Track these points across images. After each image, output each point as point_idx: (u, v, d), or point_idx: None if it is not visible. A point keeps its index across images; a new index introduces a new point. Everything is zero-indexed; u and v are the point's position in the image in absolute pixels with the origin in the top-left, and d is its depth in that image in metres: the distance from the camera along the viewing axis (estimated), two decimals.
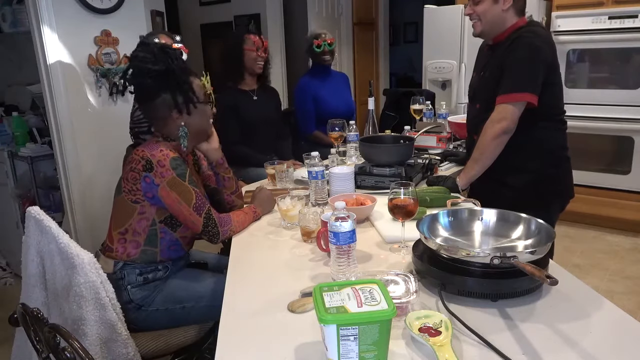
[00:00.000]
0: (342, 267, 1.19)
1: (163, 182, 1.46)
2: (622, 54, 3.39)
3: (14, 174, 3.21)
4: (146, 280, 1.56)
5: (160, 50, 1.51)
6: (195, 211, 1.50)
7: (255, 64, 2.70)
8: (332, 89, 3.11)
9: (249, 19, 4.65)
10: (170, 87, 1.51)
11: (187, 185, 1.49)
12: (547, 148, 1.86)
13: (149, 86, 1.50)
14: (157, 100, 1.51)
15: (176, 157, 1.49)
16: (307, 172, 1.88)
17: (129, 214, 1.52)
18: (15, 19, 3.11)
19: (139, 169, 1.47)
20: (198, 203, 1.51)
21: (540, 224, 1.24)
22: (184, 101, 1.53)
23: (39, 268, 1.45)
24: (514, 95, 1.73)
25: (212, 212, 1.54)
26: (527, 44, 1.75)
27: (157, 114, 1.55)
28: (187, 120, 1.55)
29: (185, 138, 1.56)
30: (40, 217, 1.42)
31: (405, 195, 1.35)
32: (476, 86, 2.00)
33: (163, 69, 1.49)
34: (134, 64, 1.51)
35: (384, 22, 5.79)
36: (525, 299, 1.09)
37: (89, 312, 1.35)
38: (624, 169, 3.51)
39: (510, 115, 1.73)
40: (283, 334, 1.02)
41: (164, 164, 1.46)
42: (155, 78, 1.49)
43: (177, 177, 1.47)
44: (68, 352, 0.97)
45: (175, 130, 1.56)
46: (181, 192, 1.48)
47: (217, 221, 1.55)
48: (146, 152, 1.47)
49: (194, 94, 1.55)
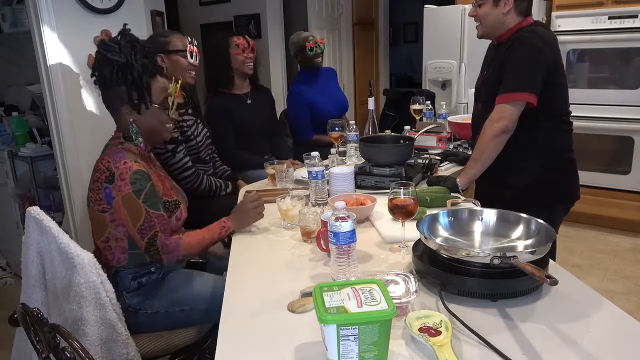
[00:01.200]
0: (342, 267, 1.19)
1: (118, 196, 1.44)
2: (622, 54, 3.39)
3: (14, 174, 3.21)
4: (140, 284, 1.55)
5: (128, 43, 1.49)
6: (139, 233, 1.46)
7: (244, 65, 2.65)
8: (323, 90, 3.05)
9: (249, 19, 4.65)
10: (126, 82, 1.49)
11: (139, 204, 1.44)
12: (549, 149, 1.85)
13: (107, 75, 1.48)
14: (112, 90, 1.51)
15: (138, 171, 1.45)
16: (307, 172, 1.88)
17: (103, 223, 1.50)
18: (15, 19, 3.11)
19: (102, 179, 1.46)
20: (144, 225, 1.45)
21: (540, 224, 1.24)
22: (137, 99, 1.51)
23: (39, 268, 1.45)
24: (513, 95, 1.73)
25: (157, 238, 1.47)
26: (526, 43, 1.75)
27: (111, 104, 1.55)
28: (137, 118, 1.54)
29: (137, 135, 1.54)
30: (40, 217, 1.42)
31: (405, 195, 1.35)
32: (479, 86, 2.01)
33: (123, 62, 1.47)
34: (99, 50, 1.50)
35: (384, 22, 5.78)
36: (525, 299, 1.09)
37: (89, 312, 1.35)
38: (624, 169, 3.51)
39: (509, 115, 1.73)
40: (283, 334, 1.02)
41: (124, 177, 1.43)
42: (114, 69, 1.47)
43: (132, 193, 1.44)
44: (68, 352, 0.97)
45: (126, 125, 1.54)
46: (131, 211, 1.45)
47: (160, 249, 1.47)
48: (111, 163, 1.46)
49: (149, 95, 1.53)
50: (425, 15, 3.99)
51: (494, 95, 1.79)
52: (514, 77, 1.75)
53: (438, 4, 4.01)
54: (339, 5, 5.02)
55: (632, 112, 3.38)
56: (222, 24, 4.80)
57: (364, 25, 5.41)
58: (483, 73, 1.98)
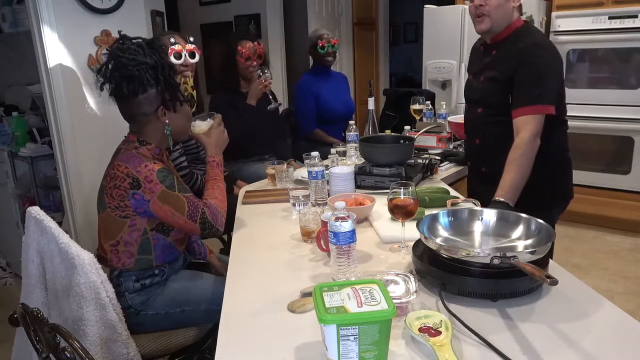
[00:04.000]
0: (342, 267, 1.19)
1: (154, 197, 1.43)
2: (622, 54, 3.39)
3: (14, 174, 3.21)
4: (143, 285, 1.55)
5: (147, 45, 1.47)
6: (190, 219, 1.46)
7: (249, 72, 2.65)
8: (332, 88, 3.11)
9: (249, 19, 4.65)
10: (157, 82, 1.46)
11: (177, 194, 1.45)
12: (547, 148, 1.85)
13: (136, 80, 1.43)
14: (142, 95, 1.45)
15: (161, 169, 1.45)
16: (307, 172, 1.88)
17: (119, 227, 1.49)
18: (15, 19, 3.11)
19: (125, 186, 1.43)
20: (191, 210, 1.46)
21: (540, 224, 1.24)
22: (171, 98, 1.49)
23: (39, 268, 1.45)
24: (536, 108, 1.68)
25: (205, 214, 1.48)
26: (539, 56, 1.71)
27: (140, 110, 1.48)
28: (172, 118, 1.52)
29: (170, 137, 1.53)
30: (40, 217, 1.42)
31: (405, 195, 1.35)
32: (479, 91, 1.93)
33: (152, 63, 1.44)
34: (119, 57, 1.43)
35: (384, 22, 5.78)
36: (525, 299, 1.09)
37: (89, 312, 1.35)
38: (624, 169, 3.51)
39: (540, 126, 1.68)
40: (283, 334, 1.02)
41: (151, 179, 1.42)
42: (144, 72, 1.43)
43: (166, 189, 1.44)
44: (68, 352, 0.97)
45: (156, 130, 1.51)
46: (173, 204, 1.45)
47: (211, 221, 1.49)
48: (130, 168, 1.43)
49: (180, 92, 1.52)
50: (425, 15, 3.99)
51: (500, 102, 1.77)
52: (534, 90, 1.70)
53: (438, 4, 4.01)
54: (339, 5, 5.02)
55: (632, 112, 3.37)
56: (222, 24, 4.80)
57: (364, 25, 5.40)
58: (478, 79, 1.91)
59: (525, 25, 1.83)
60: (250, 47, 2.63)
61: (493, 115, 1.82)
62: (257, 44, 2.68)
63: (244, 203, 1.94)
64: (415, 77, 7.40)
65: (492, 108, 1.82)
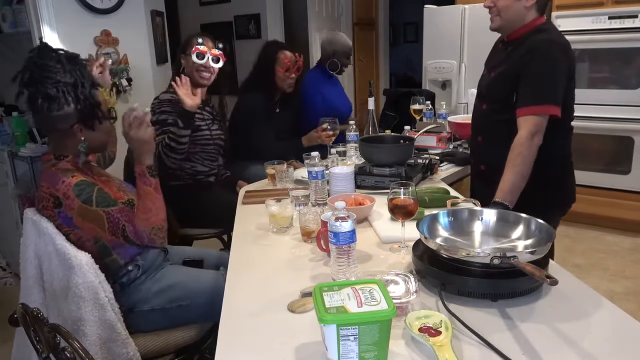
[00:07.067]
0: (342, 267, 1.19)
1: (73, 213, 1.38)
2: (622, 54, 3.39)
3: (14, 174, 3.21)
4: (122, 285, 1.52)
5: (68, 60, 1.40)
6: (112, 234, 1.41)
7: (286, 84, 2.66)
8: (335, 88, 3.19)
9: (249, 19, 4.66)
10: (75, 101, 1.38)
11: (95, 209, 1.38)
12: (550, 150, 1.83)
13: (52, 98, 1.35)
14: (57, 112, 1.37)
15: (79, 182, 1.38)
16: (307, 172, 1.88)
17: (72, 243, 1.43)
18: (15, 19, 3.11)
19: (50, 206, 1.40)
20: (111, 226, 1.39)
21: (541, 224, 1.24)
22: (89, 117, 1.42)
23: (37, 269, 1.45)
24: (539, 108, 1.66)
25: (126, 230, 1.40)
26: (546, 53, 1.69)
27: (54, 127, 1.41)
28: (89, 135, 1.44)
29: (85, 154, 1.46)
30: (37, 219, 1.42)
31: (405, 195, 1.35)
32: (485, 85, 1.93)
33: (72, 81, 1.37)
34: (37, 71, 1.36)
35: (384, 22, 5.79)
36: (525, 299, 1.09)
37: (88, 312, 1.35)
38: (624, 169, 3.51)
39: (541, 126, 1.66)
40: (283, 334, 1.02)
41: (68, 195, 1.37)
42: (61, 90, 1.36)
43: (83, 204, 1.37)
44: (68, 352, 0.97)
45: (73, 145, 1.44)
46: (94, 220, 1.39)
47: (133, 239, 1.42)
48: (50, 187, 1.39)
49: (100, 110, 1.45)
50: (425, 15, 3.99)
51: (503, 98, 1.75)
52: (538, 88, 1.68)
53: (438, 4, 4.01)
54: (339, 5, 5.02)
55: (632, 112, 3.37)
56: (222, 24, 4.80)
57: (364, 25, 5.41)
58: (490, 74, 1.91)
59: (544, 25, 1.81)
60: (291, 58, 2.64)
61: (496, 112, 1.81)
62: (298, 56, 2.69)
63: (244, 203, 1.94)
64: (415, 77, 7.41)
65: (496, 105, 1.81)
